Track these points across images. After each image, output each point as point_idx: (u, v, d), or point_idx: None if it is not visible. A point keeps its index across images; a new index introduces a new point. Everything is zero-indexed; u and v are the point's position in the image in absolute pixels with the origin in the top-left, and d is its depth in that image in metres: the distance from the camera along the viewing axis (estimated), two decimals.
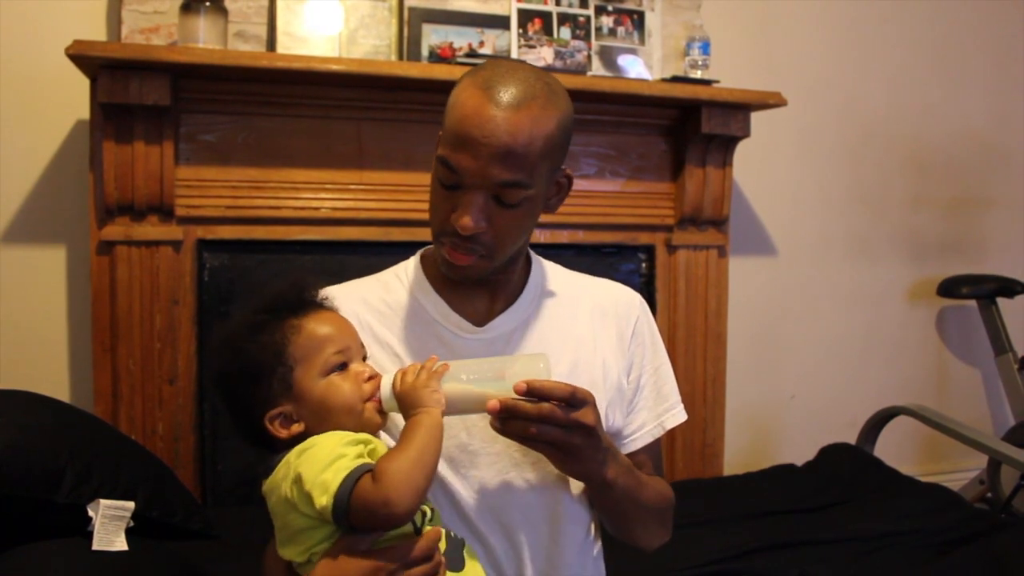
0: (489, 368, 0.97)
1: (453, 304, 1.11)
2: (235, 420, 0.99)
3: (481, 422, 1.05)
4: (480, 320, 1.12)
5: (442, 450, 0.92)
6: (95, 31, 2.03)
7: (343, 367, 0.96)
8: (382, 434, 1.01)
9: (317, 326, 0.97)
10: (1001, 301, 2.87)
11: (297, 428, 0.94)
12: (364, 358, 1.00)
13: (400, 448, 0.88)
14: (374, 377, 0.97)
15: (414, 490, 0.86)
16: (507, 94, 0.98)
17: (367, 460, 0.89)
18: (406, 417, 0.93)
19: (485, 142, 0.96)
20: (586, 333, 1.16)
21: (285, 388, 0.94)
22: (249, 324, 0.97)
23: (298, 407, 0.95)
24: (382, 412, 0.97)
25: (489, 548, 1.06)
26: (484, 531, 1.06)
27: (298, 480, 0.88)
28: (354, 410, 0.95)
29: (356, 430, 0.94)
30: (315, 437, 0.92)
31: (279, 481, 0.91)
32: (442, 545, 0.94)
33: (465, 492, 1.06)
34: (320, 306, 1.01)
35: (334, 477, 0.86)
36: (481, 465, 1.06)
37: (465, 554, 0.98)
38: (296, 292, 1.00)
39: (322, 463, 0.87)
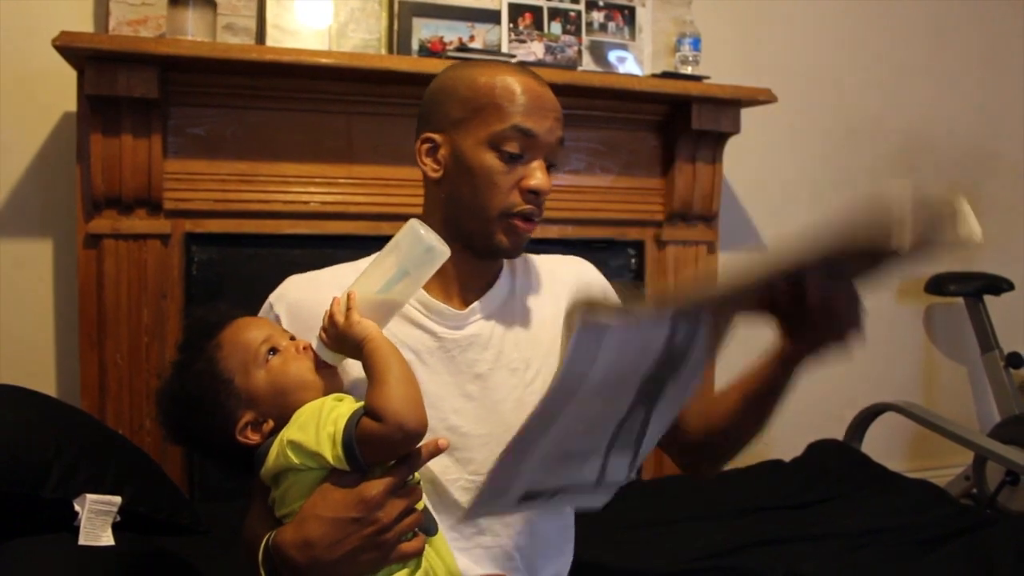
0: (384, 271, 0.98)
1: (432, 292, 1.12)
2: (216, 458, 1.03)
3: (468, 405, 1.09)
4: (458, 303, 1.14)
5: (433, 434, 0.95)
6: (82, 23, 2.01)
7: (275, 351, 0.99)
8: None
9: (234, 334, 1.00)
10: (988, 298, 2.88)
11: (268, 427, 0.97)
12: (292, 338, 1.03)
13: (375, 381, 0.91)
14: (308, 347, 1.00)
15: (413, 402, 0.90)
16: (533, 73, 1.13)
17: (356, 404, 0.92)
18: (357, 358, 0.95)
19: (550, 106, 1.10)
20: (556, 306, 1.20)
21: (237, 400, 0.97)
22: (176, 370, 1.01)
23: (258, 408, 0.97)
24: (333, 374, 0.99)
25: (478, 526, 1.09)
26: None
27: (296, 445, 0.91)
28: (306, 381, 0.97)
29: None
30: (299, 410, 0.95)
31: (275, 457, 0.93)
32: (419, 505, 0.97)
33: (457, 473, 1.08)
34: (227, 320, 1.03)
35: (335, 427, 0.89)
36: (472, 447, 1.09)
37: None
38: (199, 321, 1.04)
39: (319, 421, 0.91)
